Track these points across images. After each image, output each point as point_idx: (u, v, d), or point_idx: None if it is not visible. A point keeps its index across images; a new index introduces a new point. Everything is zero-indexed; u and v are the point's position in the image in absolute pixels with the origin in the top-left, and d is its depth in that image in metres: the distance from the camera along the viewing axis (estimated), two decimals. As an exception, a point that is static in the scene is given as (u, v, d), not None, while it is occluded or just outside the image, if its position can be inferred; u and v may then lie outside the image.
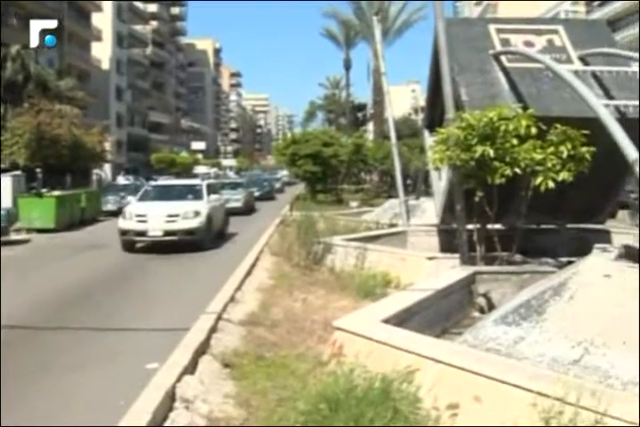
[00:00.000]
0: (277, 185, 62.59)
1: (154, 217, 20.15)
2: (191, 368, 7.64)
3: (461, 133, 11.95)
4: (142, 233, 20.05)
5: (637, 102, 12.24)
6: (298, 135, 48.00)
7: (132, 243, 20.22)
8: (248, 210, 36.15)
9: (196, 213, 20.38)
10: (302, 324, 9.81)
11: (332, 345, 7.57)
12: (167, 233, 19.89)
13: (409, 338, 7.05)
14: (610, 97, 13.63)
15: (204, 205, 21.11)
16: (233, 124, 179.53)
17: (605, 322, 6.75)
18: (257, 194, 44.42)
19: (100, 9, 75.47)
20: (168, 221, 20.05)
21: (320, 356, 7.82)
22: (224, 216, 24.19)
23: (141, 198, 22.42)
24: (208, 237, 20.72)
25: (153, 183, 27.80)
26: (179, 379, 7.11)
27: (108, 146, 52.25)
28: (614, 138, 9.35)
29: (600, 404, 4.97)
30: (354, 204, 36.71)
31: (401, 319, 8.03)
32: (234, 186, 38.47)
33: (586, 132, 11.46)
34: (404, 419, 5.69)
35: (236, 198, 34.70)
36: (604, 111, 9.82)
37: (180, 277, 15.62)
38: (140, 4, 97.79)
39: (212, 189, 23.45)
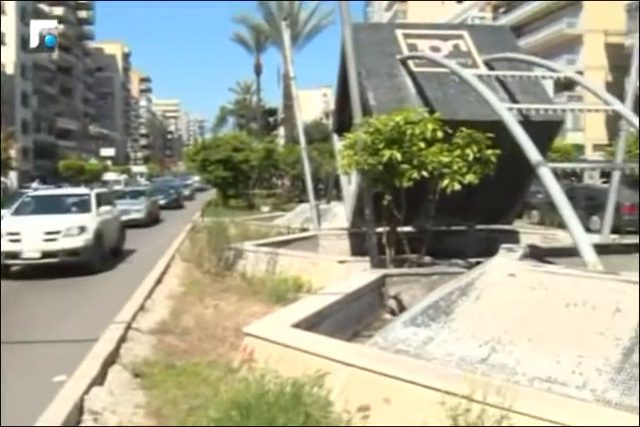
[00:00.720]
0: (186, 192, 60.37)
1: (29, 235, 17.00)
2: (100, 379, 7.48)
3: (369, 138, 12.04)
4: (16, 255, 16.77)
5: (540, 106, 12.55)
6: (208, 141, 47.64)
7: (4, 267, 16.72)
8: (152, 221, 33.62)
9: (82, 229, 17.34)
10: (213, 331, 9.75)
11: (243, 351, 7.54)
12: (46, 254, 16.70)
13: (319, 342, 7.06)
14: (514, 101, 13.95)
15: (91, 219, 18.12)
16: (143, 130, 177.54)
17: (511, 320, 6.88)
18: (162, 202, 42.25)
19: (1, 11, 73.38)
20: (47, 240, 16.86)
21: (232, 362, 7.77)
22: (119, 231, 21.25)
23: (16, 212, 18.84)
24: (97, 258, 17.63)
25: (31, 193, 23.49)
26: (87, 391, 6.96)
27: (13, 153, 51.05)
28: (517, 141, 9.57)
29: (505, 400, 5.08)
30: (265, 209, 36.55)
31: (311, 323, 8.04)
32: (135, 194, 35.42)
33: (491, 135, 11.67)
34: (316, 423, 5.69)
35: (137, 209, 31.96)
36: (507, 114, 10.05)
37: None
38: (45, 7, 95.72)
39: (104, 199, 20.33)
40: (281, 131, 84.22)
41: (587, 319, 6.51)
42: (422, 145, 11.88)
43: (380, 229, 13.06)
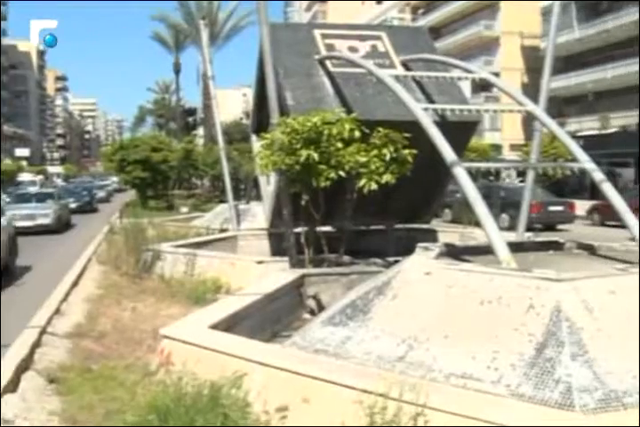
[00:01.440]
0: (101, 194, 56.63)
1: None
2: (12, 386, 7.28)
3: (286, 138, 12.02)
4: None
5: (456, 106, 12.69)
6: (126, 141, 47.04)
7: None
8: (62, 226, 30.20)
9: None
10: (131, 333, 9.66)
11: (160, 354, 7.46)
12: None
13: (237, 343, 7.06)
14: (431, 101, 14.12)
15: None
16: (59, 130, 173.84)
17: (427, 318, 6.95)
18: (74, 206, 39.03)
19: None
20: None
21: (149, 365, 7.70)
22: (7, 245, 16.41)
23: None
24: None
25: None
26: (-2, 399, 6.78)
27: None
28: (433, 141, 9.66)
29: (420, 397, 5.17)
30: (184, 209, 36.17)
31: (229, 325, 8.01)
32: (42, 197, 32.00)
33: (409, 135, 11.77)
34: (234, 424, 5.69)
35: (44, 213, 28.68)
36: (422, 115, 10.12)
37: None
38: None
39: None
40: (200, 131, 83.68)
41: (501, 316, 6.61)
42: (340, 145, 11.94)
43: (299, 229, 13.09)
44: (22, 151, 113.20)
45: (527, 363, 6.04)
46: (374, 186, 11.82)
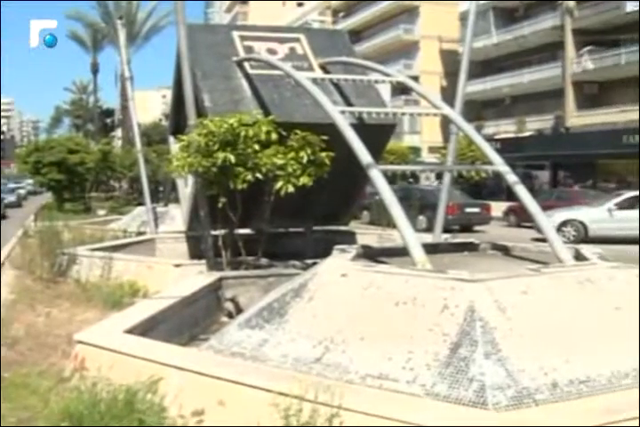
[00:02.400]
0: (11, 198, 51.32)
1: None
2: None
3: (202, 140, 11.96)
4: None
5: (373, 109, 12.80)
6: (42, 142, 46.22)
7: None
8: None
9: None
10: (45, 339, 9.42)
11: (74, 359, 7.33)
12: None
13: (152, 347, 6.98)
14: (349, 104, 14.19)
15: None
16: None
17: (344, 320, 6.98)
18: None
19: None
20: None
21: (63, 372, 7.54)
22: None
23: None
24: None
25: None
26: None
27: None
28: (349, 143, 9.71)
29: (335, 399, 5.22)
30: (102, 212, 35.55)
31: (145, 329, 7.91)
32: None
33: (328, 137, 11.81)
34: (150, 427, 5.65)
35: None
36: (339, 117, 10.16)
37: None
38: None
39: None
40: (119, 132, 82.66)
41: (416, 316, 6.68)
42: (257, 147, 11.92)
43: (217, 232, 13.03)
44: None
45: (442, 362, 6.11)
46: (291, 188, 11.83)
